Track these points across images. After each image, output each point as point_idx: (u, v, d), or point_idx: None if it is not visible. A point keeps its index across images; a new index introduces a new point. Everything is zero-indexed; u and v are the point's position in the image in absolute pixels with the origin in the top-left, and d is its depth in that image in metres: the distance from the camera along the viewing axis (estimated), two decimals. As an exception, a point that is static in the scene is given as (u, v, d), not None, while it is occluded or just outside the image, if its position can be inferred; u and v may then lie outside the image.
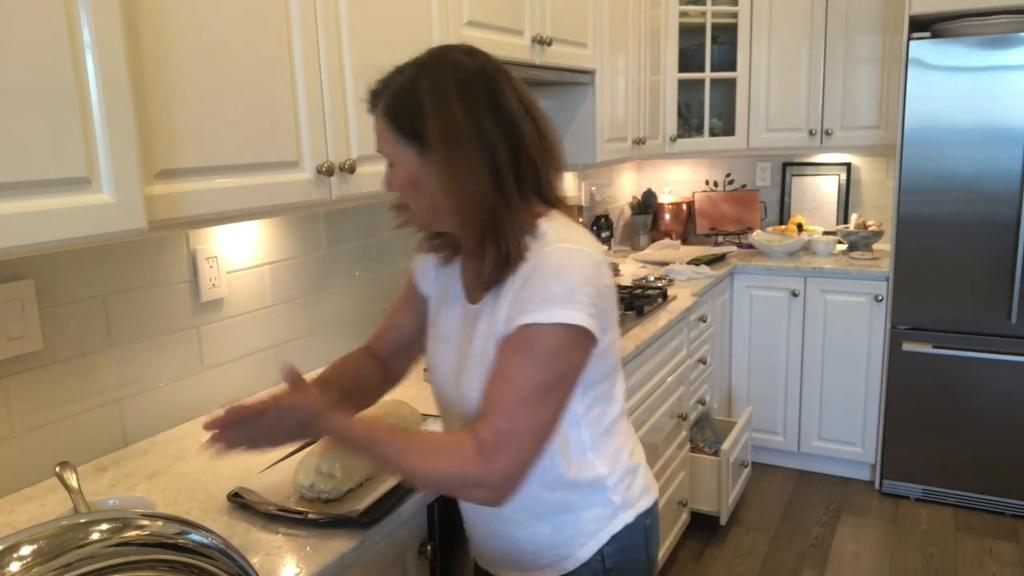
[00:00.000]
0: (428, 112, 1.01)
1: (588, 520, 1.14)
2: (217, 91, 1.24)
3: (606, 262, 1.07)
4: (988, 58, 2.73)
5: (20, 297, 1.33)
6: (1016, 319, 2.83)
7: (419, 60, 1.06)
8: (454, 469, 0.97)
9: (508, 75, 1.09)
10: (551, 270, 1.00)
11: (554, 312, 0.98)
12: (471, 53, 1.08)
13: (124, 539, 0.47)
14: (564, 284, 0.99)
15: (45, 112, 0.96)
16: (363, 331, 2.17)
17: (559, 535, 1.14)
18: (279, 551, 1.12)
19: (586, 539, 1.14)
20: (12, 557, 0.43)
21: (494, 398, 0.99)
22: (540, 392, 0.98)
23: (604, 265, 1.06)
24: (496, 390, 1.00)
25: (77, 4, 0.98)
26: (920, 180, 2.91)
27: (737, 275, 3.39)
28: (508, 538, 1.17)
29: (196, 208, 1.22)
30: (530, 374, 0.98)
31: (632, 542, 1.17)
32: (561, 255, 1.01)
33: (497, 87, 1.06)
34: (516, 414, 0.97)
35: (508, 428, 0.97)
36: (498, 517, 1.16)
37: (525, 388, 0.98)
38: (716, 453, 2.83)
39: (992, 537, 2.85)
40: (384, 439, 1.01)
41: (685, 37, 3.44)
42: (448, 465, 0.97)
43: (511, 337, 1.01)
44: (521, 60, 2.11)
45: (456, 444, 0.98)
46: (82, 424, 1.45)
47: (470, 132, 1.01)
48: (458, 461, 0.97)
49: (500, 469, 0.96)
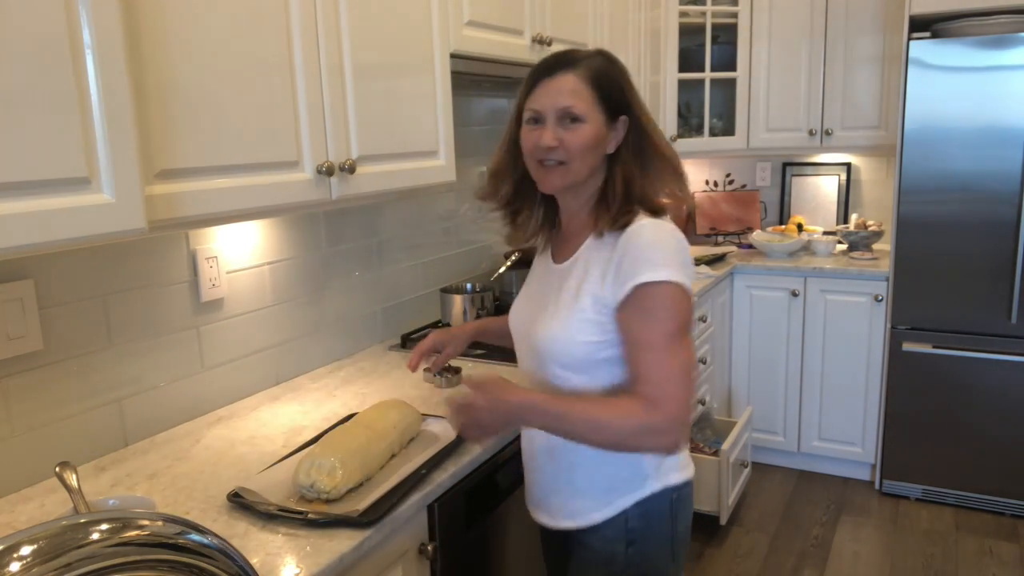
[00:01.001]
0: (626, 90, 1.22)
1: (620, 481, 1.25)
2: (217, 91, 1.24)
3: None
4: (988, 58, 2.73)
5: (20, 297, 1.33)
6: (1016, 319, 2.83)
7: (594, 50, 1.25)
8: (632, 426, 1.10)
9: None
10: (648, 239, 1.16)
11: (659, 271, 1.13)
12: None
13: (124, 539, 0.47)
14: (662, 250, 1.15)
15: (45, 112, 0.96)
16: (363, 331, 2.17)
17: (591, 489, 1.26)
18: (279, 551, 1.12)
19: (614, 498, 1.26)
20: (12, 557, 0.43)
21: (639, 362, 1.14)
22: (672, 339, 1.12)
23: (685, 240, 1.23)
24: (638, 355, 1.14)
25: (77, 4, 0.98)
26: (920, 180, 2.91)
27: (737, 275, 3.39)
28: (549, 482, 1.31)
29: (196, 208, 1.22)
30: (659, 328, 1.12)
31: (657, 511, 1.27)
32: (655, 227, 1.18)
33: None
34: (662, 365, 1.11)
35: (662, 379, 1.11)
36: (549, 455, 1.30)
37: (659, 341, 1.12)
38: (716, 453, 2.83)
39: (992, 537, 2.85)
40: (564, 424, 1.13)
41: (685, 37, 3.44)
42: (627, 426, 1.10)
43: (629, 301, 1.15)
44: (521, 60, 2.11)
45: (628, 406, 1.11)
46: (82, 424, 1.45)
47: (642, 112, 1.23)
48: (634, 420, 1.10)
49: (669, 414, 1.09)
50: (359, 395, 1.80)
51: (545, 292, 1.30)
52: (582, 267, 1.23)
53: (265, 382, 1.85)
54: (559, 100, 1.18)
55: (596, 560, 1.28)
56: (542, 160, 1.22)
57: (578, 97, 1.18)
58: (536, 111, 1.21)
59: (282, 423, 1.64)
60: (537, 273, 1.38)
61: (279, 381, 1.90)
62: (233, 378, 1.77)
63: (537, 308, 1.29)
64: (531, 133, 1.22)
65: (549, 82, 1.20)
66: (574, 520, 1.29)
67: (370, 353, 2.15)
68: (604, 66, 1.21)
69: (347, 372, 1.98)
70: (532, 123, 1.22)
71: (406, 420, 1.45)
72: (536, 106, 1.21)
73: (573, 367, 1.22)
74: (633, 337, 1.15)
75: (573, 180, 1.22)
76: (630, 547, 1.26)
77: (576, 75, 1.19)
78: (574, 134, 1.18)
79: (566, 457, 1.27)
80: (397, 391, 1.82)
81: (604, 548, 1.27)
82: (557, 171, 1.21)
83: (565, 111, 1.18)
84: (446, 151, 1.83)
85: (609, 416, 1.11)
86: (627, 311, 1.15)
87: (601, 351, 1.20)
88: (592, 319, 1.19)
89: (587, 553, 1.29)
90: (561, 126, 1.19)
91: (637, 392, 1.12)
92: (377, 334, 2.23)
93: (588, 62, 1.20)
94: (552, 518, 1.33)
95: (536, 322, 1.27)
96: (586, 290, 1.20)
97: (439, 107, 1.79)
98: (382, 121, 1.61)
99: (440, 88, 1.79)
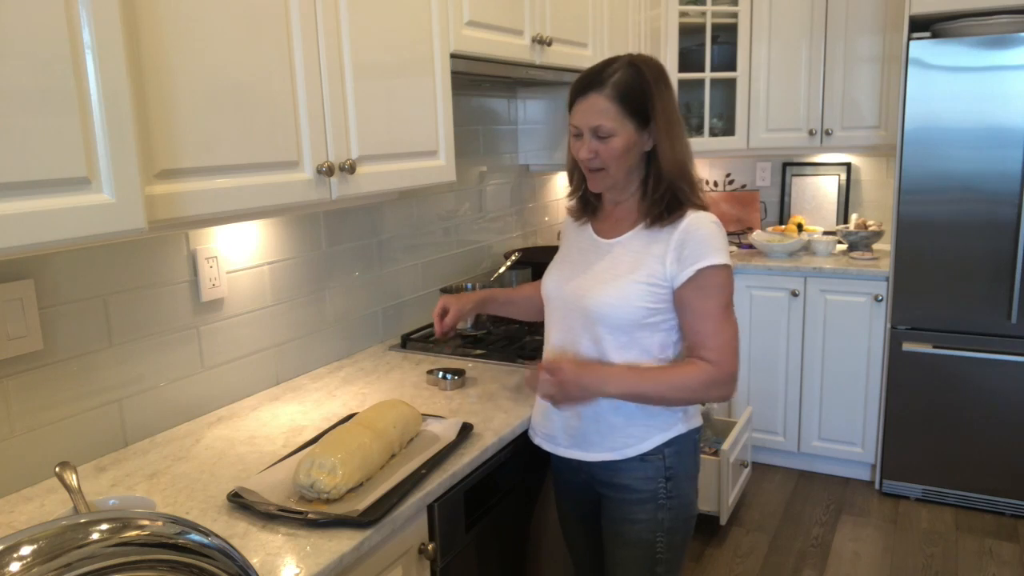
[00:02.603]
0: (654, 96, 1.38)
1: (659, 418, 1.46)
2: (217, 91, 1.24)
3: None
4: (988, 58, 2.73)
5: (20, 297, 1.33)
6: (1016, 319, 2.83)
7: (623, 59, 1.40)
8: (703, 381, 1.36)
9: None
10: (706, 231, 1.40)
11: (717, 257, 1.38)
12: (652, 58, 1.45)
13: (124, 539, 0.47)
14: (717, 240, 1.41)
15: (45, 112, 0.96)
16: (363, 331, 2.17)
17: (614, 427, 1.46)
18: (279, 551, 1.12)
19: (639, 440, 1.46)
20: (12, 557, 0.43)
21: (701, 331, 1.39)
22: (725, 310, 1.39)
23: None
24: (701, 323, 1.39)
25: (77, 4, 0.98)
26: (920, 180, 2.91)
27: (737, 275, 3.39)
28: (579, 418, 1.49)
29: (196, 208, 1.22)
30: (716, 301, 1.38)
31: (685, 449, 1.49)
32: (708, 220, 1.42)
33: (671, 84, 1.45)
34: (720, 331, 1.38)
35: (721, 343, 1.37)
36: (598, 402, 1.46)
37: (717, 311, 1.38)
38: (716, 453, 2.83)
39: (992, 537, 2.85)
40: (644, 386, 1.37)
41: (685, 37, 3.44)
42: (698, 382, 1.36)
43: (691, 280, 1.38)
44: (521, 60, 2.11)
45: (695, 367, 1.37)
46: (82, 424, 1.45)
47: (676, 112, 1.42)
48: (704, 376, 1.36)
49: (729, 370, 1.37)
50: (359, 395, 1.80)
51: (591, 262, 1.49)
52: (638, 246, 1.44)
53: (265, 382, 1.85)
54: (590, 120, 1.39)
55: (640, 498, 1.47)
56: (586, 166, 1.44)
57: (605, 116, 1.38)
58: (576, 127, 1.42)
59: (282, 423, 1.64)
60: (578, 246, 1.55)
61: (279, 381, 1.90)
62: (233, 378, 1.77)
63: (586, 276, 1.48)
64: (575, 144, 1.45)
65: (582, 102, 1.40)
66: (613, 453, 1.47)
67: (370, 353, 2.15)
68: (630, 79, 1.38)
69: (347, 372, 1.98)
70: (575, 136, 1.44)
71: (406, 420, 1.45)
72: (575, 123, 1.42)
73: (620, 329, 1.42)
74: (694, 309, 1.39)
75: (613, 182, 1.45)
76: (668, 482, 1.47)
77: (602, 95, 1.37)
78: (607, 146, 1.39)
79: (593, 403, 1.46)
80: (397, 391, 1.82)
81: (646, 486, 1.46)
82: (599, 175, 1.44)
83: (596, 129, 1.39)
84: (446, 151, 1.83)
85: (681, 377, 1.37)
86: (688, 288, 1.38)
87: (647, 317, 1.41)
88: (647, 290, 1.40)
89: (630, 495, 1.47)
90: (596, 139, 1.40)
91: (701, 355, 1.38)
92: (377, 334, 2.23)
93: (616, 78, 1.38)
94: (592, 452, 1.49)
95: (590, 288, 1.45)
96: (644, 264, 1.41)
97: (439, 107, 1.79)
98: (382, 121, 1.61)
99: (440, 88, 1.79)
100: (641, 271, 1.41)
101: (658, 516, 1.46)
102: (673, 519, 1.48)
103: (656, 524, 1.47)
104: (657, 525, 1.47)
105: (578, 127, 1.41)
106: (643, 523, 1.47)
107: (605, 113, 1.37)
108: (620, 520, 1.49)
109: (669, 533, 1.48)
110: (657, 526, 1.47)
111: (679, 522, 1.49)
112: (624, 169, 1.42)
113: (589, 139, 1.40)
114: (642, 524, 1.47)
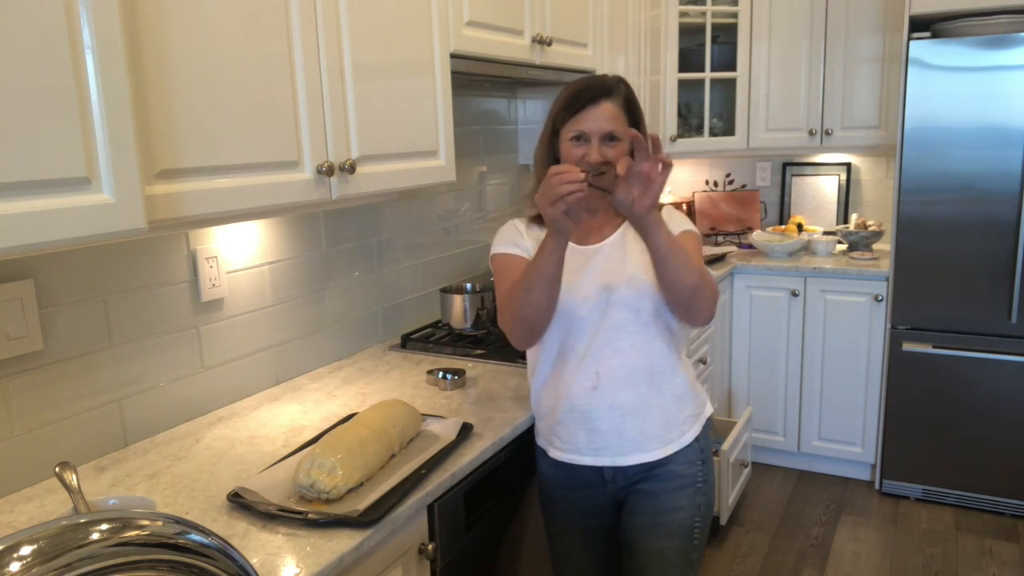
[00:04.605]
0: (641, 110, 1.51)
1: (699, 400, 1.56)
2: (217, 91, 1.24)
3: None
4: (988, 58, 2.73)
5: (20, 297, 1.33)
6: (1016, 319, 2.83)
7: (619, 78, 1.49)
8: (706, 278, 1.41)
9: None
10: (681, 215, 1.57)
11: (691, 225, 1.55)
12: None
13: (124, 539, 0.47)
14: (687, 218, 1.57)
15: (45, 112, 0.96)
16: (363, 331, 2.17)
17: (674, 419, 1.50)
18: (279, 551, 1.12)
19: (688, 426, 1.52)
20: (12, 557, 0.43)
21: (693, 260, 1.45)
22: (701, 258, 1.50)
23: None
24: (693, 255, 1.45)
25: (77, 4, 0.98)
26: (920, 180, 2.91)
27: (737, 275, 3.39)
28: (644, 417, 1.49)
29: (196, 208, 1.22)
30: (696, 248, 1.51)
31: (706, 433, 1.57)
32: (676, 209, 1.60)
33: None
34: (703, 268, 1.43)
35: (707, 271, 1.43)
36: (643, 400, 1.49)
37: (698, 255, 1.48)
38: (716, 453, 2.82)
39: (992, 537, 2.85)
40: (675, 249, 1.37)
41: (685, 37, 3.44)
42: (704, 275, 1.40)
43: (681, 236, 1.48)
44: (521, 60, 2.11)
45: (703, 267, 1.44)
46: (82, 424, 1.45)
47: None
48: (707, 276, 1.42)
49: (713, 283, 1.43)
50: (359, 395, 1.80)
51: (597, 264, 1.51)
52: (629, 241, 1.51)
53: (265, 382, 1.85)
54: (604, 125, 1.43)
55: (679, 485, 1.50)
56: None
57: (616, 122, 1.44)
58: (582, 132, 1.44)
59: (282, 423, 1.64)
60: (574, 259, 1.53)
61: (279, 381, 1.90)
62: (233, 378, 1.77)
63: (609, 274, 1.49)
64: (575, 149, 1.45)
65: (594, 109, 1.43)
66: (667, 448, 1.50)
67: (370, 353, 2.15)
68: (630, 93, 1.49)
69: (347, 372, 1.98)
70: (575, 140, 1.45)
71: (406, 420, 1.45)
72: (583, 128, 1.43)
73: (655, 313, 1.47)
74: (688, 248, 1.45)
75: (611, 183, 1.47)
76: (704, 464, 1.53)
77: (615, 103, 1.45)
78: (615, 151, 1.44)
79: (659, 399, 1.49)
80: (397, 391, 1.82)
81: (688, 471, 1.50)
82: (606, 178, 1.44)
83: (609, 134, 1.43)
84: (446, 151, 1.83)
85: (698, 263, 1.42)
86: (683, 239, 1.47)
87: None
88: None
89: (669, 483, 1.50)
90: (604, 145, 1.44)
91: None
92: (377, 334, 2.23)
93: (619, 89, 1.46)
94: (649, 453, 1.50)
95: (623, 282, 1.48)
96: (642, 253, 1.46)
97: (439, 107, 1.79)
98: (382, 121, 1.61)
99: (440, 88, 1.79)
100: (643, 257, 1.44)
101: (696, 500, 1.50)
102: (707, 502, 1.53)
103: (695, 509, 1.50)
104: (696, 510, 1.50)
105: (585, 132, 1.43)
106: (683, 509, 1.50)
107: (617, 119, 1.44)
108: (658, 511, 1.50)
109: (704, 517, 1.52)
110: (696, 511, 1.51)
111: (709, 505, 1.53)
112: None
113: (598, 144, 1.43)
114: (682, 511, 1.49)
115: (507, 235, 1.58)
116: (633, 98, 1.50)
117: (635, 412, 1.47)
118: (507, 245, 1.55)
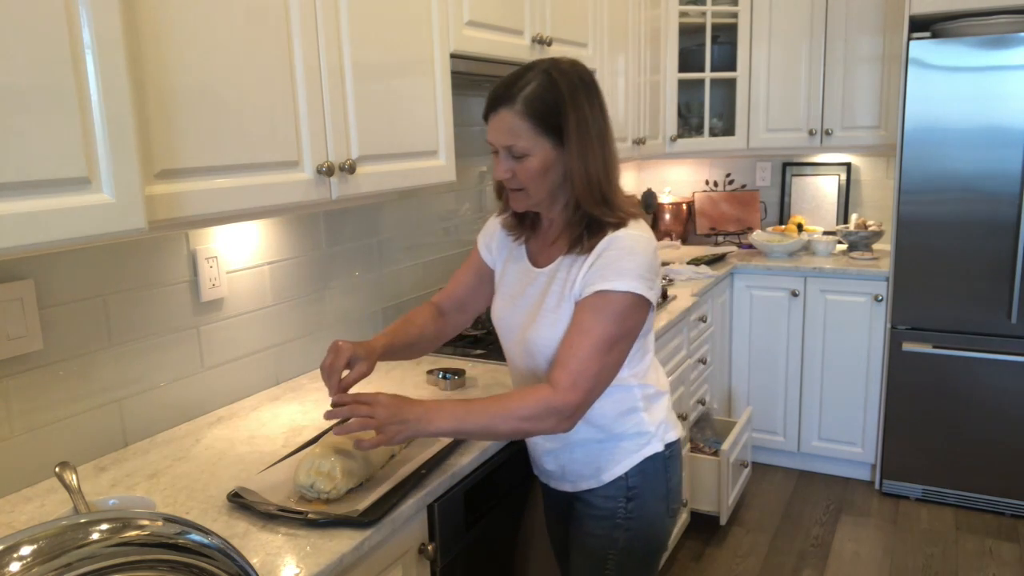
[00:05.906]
0: (568, 110, 1.23)
1: (629, 446, 1.39)
2: (217, 91, 1.24)
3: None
4: (988, 58, 2.73)
5: (20, 297, 1.33)
6: (1016, 319, 2.83)
7: (539, 66, 1.26)
8: (532, 409, 1.20)
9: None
10: (624, 249, 1.25)
11: (626, 283, 1.23)
12: (574, 63, 1.30)
13: (124, 539, 0.47)
14: (634, 262, 1.24)
15: (45, 112, 0.96)
16: (363, 331, 2.17)
17: (601, 457, 1.39)
18: (279, 551, 1.12)
19: (614, 465, 1.39)
20: (12, 557, 0.43)
21: (571, 345, 1.23)
22: (609, 343, 1.23)
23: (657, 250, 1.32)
24: (573, 340, 1.23)
25: (77, 4, 0.98)
26: (920, 180, 2.91)
27: (737, 275, 3.39)
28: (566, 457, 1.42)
29: (196, 208, 1.22)
30: (602, 328, 1.22)
31: (652, 469, 1.40)
32: (629, 239, 1.26)
33: (601, 92, 1.30)
34: (590, 359, 1.22)
35: (582, 369, 1.21)
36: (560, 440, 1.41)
37: (598, 339, 1.22)
38: (716, 453, 2.83)
39: (992, 537, 2.85)
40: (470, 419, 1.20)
41: (685, 37, 3.44)
42: (526, 409, 1.20)
43: (588, 300, 1.25)
44: (521, 60, 2.11)
45: (536, 391, 1.22)
46: (82, 424, 1.45)
47: (597, 127, 1.27)
48: (541, 402, 1.20)
49: (572, 402, 1.20)
50: (359, 395, 1.80)
51: (528, 294, 1.39)
52: (563, 275, 1.32)
53: (265, 382, 1.85)
54: (500, 139, 1.27)
55: (598, 515, 1.42)
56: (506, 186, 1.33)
57: (516, 135, 1.25)
58: (491, 144, 1.30)
59: (282, 423, 1.64)
60: (516, 275, 1.45)
61: (279, 381, 1.90)
62: (233, 378, 1.77)
63: (525, 311, 1.38)
64: (495, 161, 1.31)
65: (493, 118, 1.27)
66: (587, 483, 1.42)
67: (370, 353, 2.15)
68: (543, 92, 1.24)
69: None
70: (493, 153, 1.31)
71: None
72: (489, 139, 1.30)
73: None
74: (579, 322, 1.25)
75: (535, 202, 1.33)
76: (630, 503, 1.40)
77: (512, 112, 1.24)
78: (522, 166, 1.27)
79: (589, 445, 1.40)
80: (397, 391, 1.82)
81: (605, 504, 1.41)
82: (519, 195, 1.32)
83: (509, 149, 1.27)
84: (446, 151, 1.83)
85: (510, 405, 1.20)
86: (582, 305, 1.26)
87: None
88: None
89: (590, 509, 1.43)
90: (511, 159, 1.28)
91: (551, 376, 1.23)
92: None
93: (527, 91, 1.24)
94: (573, 485, 1.45)
95: (528, 326, 1.36)
96: (567, 296, 1.30)
97: (439, 107, 1.79)
98: (382, 121, 1.61)
99: (440, 88, 1.79)
100: (566, 303, 1.30)
101: (613, 535, 1.41)
102: (630, 539, 1.40)
103: (610, 542, 1.41)
104: (611, 543, 1.41)
105: (492, 144, 1.29)
106: (598, 538, 1.42)
107: (516, 132, 1.24)
108: (576, 528, 1.47)
109: (623, 553, 1.41)
110: (611, 544, 1.41)
111: (638, 543, 1.41)
112: (545, 189, 1.30)
113: (504, 158, 1.28)
114: (597, 539, 1.42)
115: (485, 230, 1.57)
116: (547, 99, 1.23)
117: (551, 451, 1.45)
118: (481, 238, 1.56)
